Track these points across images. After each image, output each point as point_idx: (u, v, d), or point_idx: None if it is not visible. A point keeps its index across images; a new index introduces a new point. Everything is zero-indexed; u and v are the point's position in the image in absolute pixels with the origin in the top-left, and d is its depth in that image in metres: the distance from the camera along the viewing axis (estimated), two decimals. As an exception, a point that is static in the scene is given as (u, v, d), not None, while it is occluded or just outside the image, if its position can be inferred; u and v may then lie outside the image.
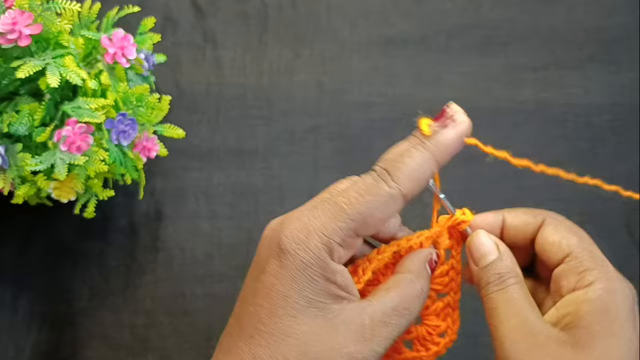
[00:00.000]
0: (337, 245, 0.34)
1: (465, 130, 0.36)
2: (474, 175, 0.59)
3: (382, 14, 0.63)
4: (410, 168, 0.35)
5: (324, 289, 0.33)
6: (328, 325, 0.33)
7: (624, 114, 0.60)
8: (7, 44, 0.44)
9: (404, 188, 0.34)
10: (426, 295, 0.37)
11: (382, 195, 0.34)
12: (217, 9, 0.64)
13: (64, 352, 0.56)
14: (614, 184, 0.47)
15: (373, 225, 0.35)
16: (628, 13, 0.63)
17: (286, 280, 0.33)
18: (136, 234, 0.58)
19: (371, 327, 0.34)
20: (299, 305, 0.33)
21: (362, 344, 0.33)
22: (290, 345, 0.33)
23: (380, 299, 0.35)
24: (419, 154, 0.35)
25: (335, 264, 0.34)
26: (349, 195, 0.34)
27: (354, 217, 0.34)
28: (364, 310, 0.34)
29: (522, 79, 0.62)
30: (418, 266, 0.37)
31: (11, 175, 0.47)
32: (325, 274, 0.33)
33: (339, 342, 0.33)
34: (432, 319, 0.40)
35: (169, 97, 0.52)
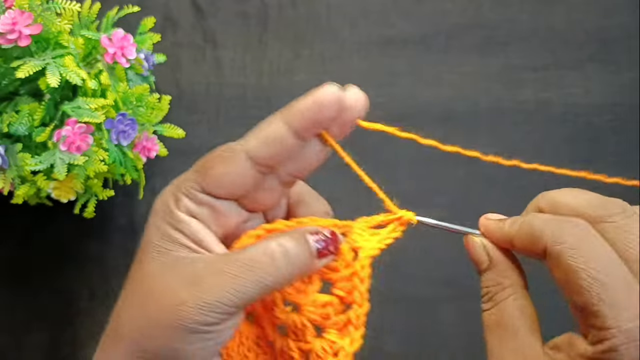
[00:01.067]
0: (182, 195, 0.35)
1: (321, 96, 0.35)
2: (474, 175, 0.59)
3: (382, 14, 0.63)
4: (259, 129, 0.36)
5: (167, 236, 0.34)
6: (163, 268, 0.34)
7: (624, 114, 0.60)
8: (7, 44, 0.44)
9: (247, 145, 0.35)
10: (295, 262, 0.34)
11: (225, 150, 0.36)
12: (217, 9, 0.64)
13: (64, 352, 0.56)
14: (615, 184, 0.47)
15: (217, 179, 0.35)
16: (628, 13, 0.63)
17: (145, 231, 0.35)
18: (136, 234, 0.58)
19: (203, 274, 0.33)
20: (144, 251, 0.35)
21: (188, 287, 0.33)
22: (128, 288, 0.35)
23: (226, 251, 0.35)
24: (270, 119, 0.36)
25: (181, 213, 0.35)
26: (206, 155, 0.37)
27: (198, 169, 0.36)
28: (201, 258, 0.34)
29: (522, 79, 0.62)
30: (291, 232, 0.35)
31: (11, 175, 0.47)
32: (169, 220, 0.35)
33: (168, 282, 0.33)
34: (332, 334, 0.36)
35: (169, 97, 0.52)
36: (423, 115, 0.60)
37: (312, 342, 0.36)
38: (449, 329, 0.56)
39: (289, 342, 0.37)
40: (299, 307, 0.37)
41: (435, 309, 0.56)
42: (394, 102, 0.61)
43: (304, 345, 0.36)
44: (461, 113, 0.61)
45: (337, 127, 0.36)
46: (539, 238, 0.33)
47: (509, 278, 0.35)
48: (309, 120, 0.35)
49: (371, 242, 0.37)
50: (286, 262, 0.34)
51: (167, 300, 0.33)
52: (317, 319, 0.36)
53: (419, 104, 0.61)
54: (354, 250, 0.37)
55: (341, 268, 0.36)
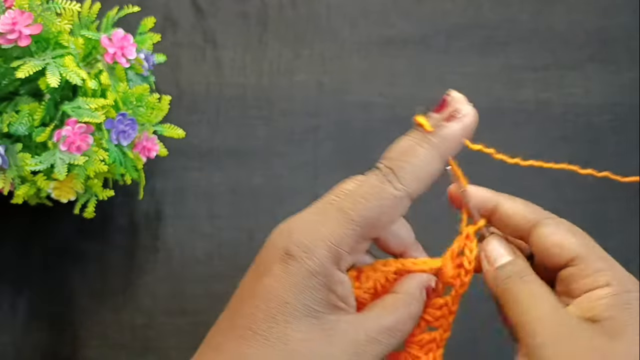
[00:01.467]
0: (344, 254, 0.33)
1: (472, 122, 0.35)
2: (474, 175, 0.58)
3: (382, 14, 0.63)
4: (417, 167, 0.34)
5: (324, 299, 0.33)
6: (323, 336, 0.32)
7: (624, 114, 0.60)
8: (7, 44, 0.44)
9: (410, 189, 0.34)
10: (417, 320, 0.37)
11: (389, 199, 0.34)
12: (217, 9, 0.64)
13: (64, 352, 0.56)
14: (615, 184, 0.47)
15: (380, 229, 0.34)
16: (628, 13, 0.63)
17: (288, 285, 0.32)
18: (136, 234, 0.58)
19: (365, 344, 0.33)
20: (297, 312, 0.32)
21: (354, 357, 0.33)
22: (281, 350, 0.32)
23: (377, 316, 0.35)
24: (423, 152, 0.34)
25: (340, 273, 0.34)
26: (355, 199, 0.34)
27: (361, 223, 0.33)
28: (360, 325, 0.34)
29: (522, 79, 0.62)
30: (415, 289, 0.37)
31: (11, 175, 0.47)
32: (328, 283, 0.33)
33: (331, 353, 0.32)
34: (415, 349, 0.40)
35: (169, 97, 0.52)
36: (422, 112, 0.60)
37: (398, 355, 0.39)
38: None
39: None
40: None
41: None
42: (394, 102, 0.61)
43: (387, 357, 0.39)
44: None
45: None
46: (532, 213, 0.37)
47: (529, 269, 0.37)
48: (459, 149, 0.35)
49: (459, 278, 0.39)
50: (412, 323, 0.36)
51: None
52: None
53: (419, 104, 0.61)
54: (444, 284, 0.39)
55: (431, 296, 0.39)
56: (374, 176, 0.34)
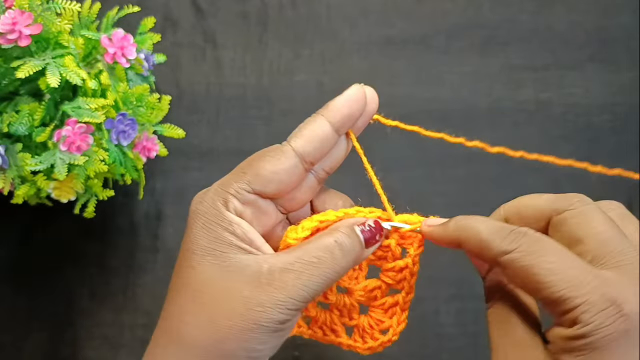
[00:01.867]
0: (230, 197, 0.36)
1: (353, 93, 0.38)
2: (474, 175, 0.59)
3: (382, 14, 0.63)
4: (304, 129, 0.38)
5: (219, 238, 0.35)
6: (223, 272, 0.34)
7: (623, 114, 0.60)
8: (7, 44, 0.44)
9: (295, 144, 0.37)
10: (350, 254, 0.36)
11: (273, 150, 0.37)
12: (217, 9, 0.64)
13: (64, 352, 0.56)
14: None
15: (266, 178, 0.36)
16: (628, 13, 0.63)
17: (189, 235, 0.36)
18: (136, 234, 0.58)
19: (269, 273, 0.34)
20: (197, 255, 0.35)
21: (258, 288, 0.34)
22: (187, 293, 0.35)
23: (292, 249, 0.36)
24: (311, 119, 0.38)
25: (231, 214, 0.36)
26: (247, 159, 0.37)
27: (245, 169, 0.36)
28: (263, 259, 0.35)
29: (522, 79, 0.62)
30: (342, 225, 0.37)
31: (11, 175, 0.47)
32: (219, 222, 0.35)
33: (233, 286, 0.34)
34: (377, 313, 0.41)
35: (169, 97, 0.52)
36: (423, 115, 0.60)
37: (358, 319, 0.41)
38: (449, 329, 0.56)
39: (332, 317, 0.41)
40: (350, 291, 0.41)
41: (436, 309, 0.56)
42: (394, 102, 0.61)
43: (349, 321, 0.41)
44: (461, 113, 0.61)
45: (361, 122, 0.39)
46: (487, 250, 0.34)
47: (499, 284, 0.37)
48: (346, 116, 0.38)
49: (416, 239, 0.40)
50: (343, 255, 0.36)
51: (239, 304, 0.34)
52: (364, 301, 0.41)
53: (419, 104, 0.61)
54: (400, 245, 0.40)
55: (390, 258, 0.40)
56: None
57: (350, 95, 0.38)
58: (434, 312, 0.56)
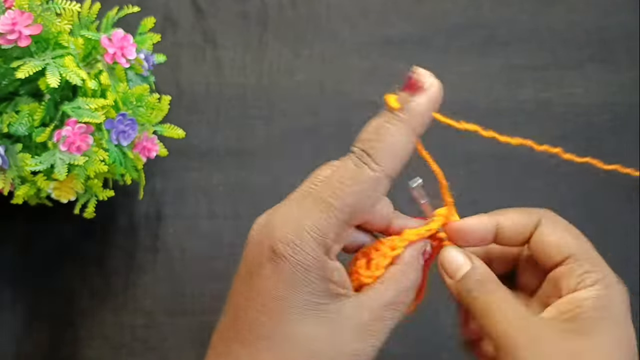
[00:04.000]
0: (332, 242, 0.33)
1: (437, 93, 0.35)
2: (474, 175, 0.59)
3: (382, 14, 0.63)
4: (390, 145, 0.33)
5: (322, 290, 0.33)
6: (330, 325, 0.33)
7: (623, 114, 0.60)
8: (7, 44, 0.44)
9: (387, 168, 0.33)
10: (417, 286, 0.37)
11: (368, 182, 0.33)
12: (217, 9, 0.64)
13: (64, 352, 0.56)
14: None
15: (363, 213, 0.34)
16: (628, 13, 0.63)
17: (284, 284, 0.32)
18: (136, 234, 0.58)
19: (370, 323, 0.34)
20: (299, 308, 0.32)
21: (364, 340, 0.33)
22: (293, 348, 0.32)
23: (377, 293, 0.35)
24: (395, 129, 0.34)
25: (332, 261, 0.33)
26: (333, 186, 0.33)
27: (343, 209, 0.33)
28: (362, 306, 0.34)
29: (522, 79, 0.62)
30: (412, 258, 0.37)
31: (11, 176, 0.47)
32: (323, 274, 0.33)
33: (342, 340, 0.33)
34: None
35: (169, 97, 0.52)
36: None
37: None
38: (449, 329, 0.56)
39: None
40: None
41: (435, 309, 0.56)
42: (394, 102, 0.61)
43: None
44: (461, 113, 0.60)
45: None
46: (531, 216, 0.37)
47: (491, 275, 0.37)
48: (429, 122, 0.34)
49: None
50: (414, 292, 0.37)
51: (349, 357, 0.33)
52: None
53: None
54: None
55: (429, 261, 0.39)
56: (350, 160, 0.34)
57: (436, 96, 0.34)
58: (434, 312, 0.56)
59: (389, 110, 0.35)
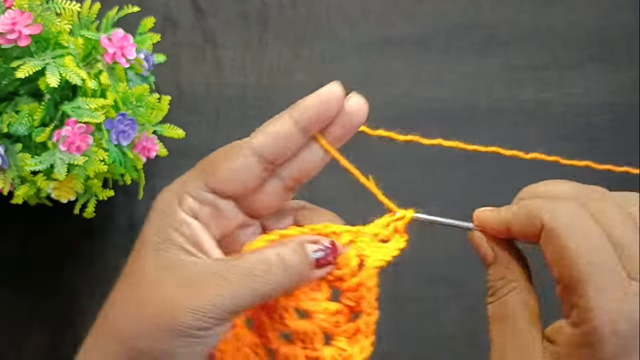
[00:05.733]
0: (186, 195, 0.35)
1: (327, 93, 0.36)
2: (474, 175, 0.59)
3: (382, 14, 0.63)
4: (266, 125, 0.37)
5: (167, 236, 0.34)
6: (158, 268, 0.34)
7: (623, 114, 0.60)
8: (7, 44, 0.44)
9: (255, 140, 0.36)
10: (293, 272, 0.34)
11: (231, 146, 0.36)
12: (217, 9, 0.64)
13: (64, 352, 0.56)
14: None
15: (224, 176, 0.35)
16: (628, 13, 0.63)
17: (144, 228, 0.36)
18: (136, 234, 0.57)
19: (199, 278, 0.33)
20: (144, 248, 0.35)
21: (182, 290, 0.33)
22: (124, 282, 0.36)
23: (232, 258, 0.35)
24: (277, 116, 0.37)
25: (183, 214, 0.35)
26: (210, 155, 0.37)
27: (205, 167, 0.36)
28: (199, 262, 0.34)
29: (522, 79, 0.62)
30: (292, 240, 0.36)
31: (11, 175, 0.47)
32: (171, 222, 0.35)
33: (163, 284, 0.33)
34: (341, 341, 0.36)
35: (169, 97, 0.52)
36: (423, 115, 0.60)
37: (321, 350, 0.36)
38: (449, 329, 0.56)
39: (295, 350, 0.37)
40: (310, 314, 0.37)
41: (436, 309, 0.56)
42: (393, 102, 0.61)
43: (312, 352, 0.36)
44: (461, 113, 0.61)
45: (339, 130, 0.37)
46: (536, 218, 0.33)
47: (512, 272, 0.36)
48: (314, 116, 0.36)
49: (378, 253, 0.37)
50: (283, 271, 0.34)
51: (161, 302, 0.33)
52: (327, 327, 0.37)
53: (418, 104, 0.61)
54: (361, 259, 0.37)
55: (347, 277, 0.37)
56: None
57: (323, 96, 0.36)
58: (434, 312, 0.56)
59: None
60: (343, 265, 0.37)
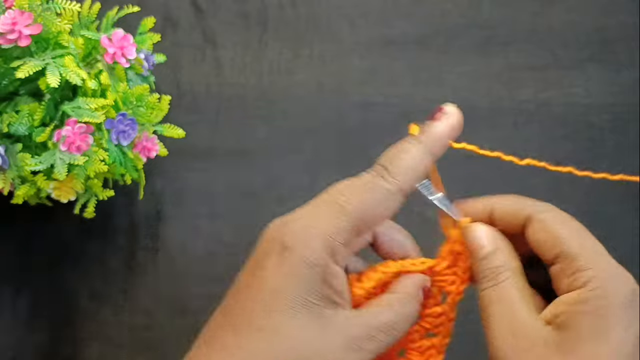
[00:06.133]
0: (340, 246, 0.34)
1: (455, 120, 0.37)
2: (474, 175, 0.59)
3: (382, 14, 0.63)
4: (406, 162, 0.36)
5: (320, 291, 0.33)
6: (319, 329, 0.33)
7: (624, 114, 0.60)
8: (7, 44, 0.44)
9: (401, 181, 0.35)
10: (414, 320, 0.37)
11: (380, 192, 0.35)
12: (217, 9, 0.64)
13: (64, 352, 0.56)
14: (613, 183, 0.47)
15: (373, 222, 0.35)
16: (628, 13, 0.63)
17: (284, 276, 0.32)
18: (136, 234, 0.58)
19: (359, 339, 0.33)
20: (292, 303, 0.32)
21: (349, 353, 0.33)
22: (279, 342, 0.32)
23: (374, 313, 0.35)
24: (413, 148, 0.36)
25: (336, 266, 0.34)
26: (348, 193, 0.35)
27: (355, 214, 0.34)
28: (355, 320, 0.34)
29: (522, 79, 0.62)
30: (412, 287, 0.37)
31: (11, 175, 0.47)
32: (324, 276, 0.33)
33: (327, 347, 0.33)
34: (414, 355, 0.40)
35: (169, 97, 0.52)
36: (423, 116, 0.60)
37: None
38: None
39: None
40: None
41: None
42: (393, 102, 0.61)
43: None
44: (461, 113, 0.60)
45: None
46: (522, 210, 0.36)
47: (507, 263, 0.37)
48: (445, 144, 0.37)
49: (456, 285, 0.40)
50: (409, 323, 0.36)
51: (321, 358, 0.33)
52: (402, 343, 0.39)
53: (418, 104, 0.61)
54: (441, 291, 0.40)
55: (431, 305, 0.39)
56: (368, 174, 0.36)
57: (453, 124, 0.37)
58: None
59: (410, 135, 0.38)
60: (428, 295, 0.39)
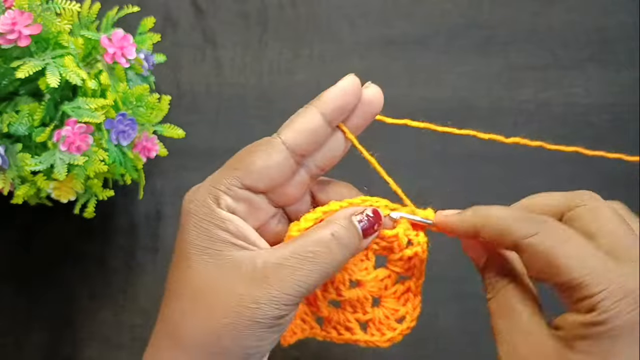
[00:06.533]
0: (221, 193, 0.36)
1: (346, 84, 0.38)
2: (474, 175, 0.59)
3: (382, 14, 0.63)
4: (294, 121, 0.37)
5: (213, 236, 0.35)
6: (218, 270, 0.34)
7: (624, 114, 0.60)
8: (6, 44, 0.44)
9: (285, 136, 0.36)
10: (348, 247, 0.36)
11: (262, 144, 0.37)
12: (217, 9, 0.64)
13: (64, 352, 0.56)
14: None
15: (257, 173, 0.36)
16: (628, 13, 0.63)
17: (182, 235, 0.36)
18: (136, 234, 0.58)
19: (263, 269, 0.34)
20: (193, 255, 0.35)
21: (252, 285, 0.34)
22: (185, 294, 0.35)
23: (285, 244, 0.36)
24: (303, 110, 0.37)
25: (224, 211, 0.36)
26: (238, 153, 0.37)
27: (236, 165, 0.36)
28: (257, 255, 0.35)
29: (522, 79, 0.62)
30: (339, 216, 0.37)
31: (11, 175, 0.47)
32: (212, 220, 0.35)
33: (228, 285, 0.34)
34: (390, 302, 0.40)
35: (169, 97, 0.52)
36: (423, 116, 0.60)
37: (372, 312, 0.40)
38: (448, 330, 0.56)
39: (346, 315, 0.40)
40: (361, 283, 0.40)
41: (435, 310, 0.56)
42: (393, 102, 0.61)
43: (363, 316, 0.40)
44: (461, 113, 0.61)
45: (358, 119, 0.38)
46: (508, 234, 0.34)
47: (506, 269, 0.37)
48: (339, 107, 0.37)
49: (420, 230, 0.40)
50: (340, 249, 0.36)
51: (234, 301, 0.34)
52: (376, 292, 0.40)
53: (418, 104, 0.61)
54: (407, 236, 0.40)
55: (396, 248, 0.39)
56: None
57: (344, 87, 0.38)
58: (433, 313, 0.56)
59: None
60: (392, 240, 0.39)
